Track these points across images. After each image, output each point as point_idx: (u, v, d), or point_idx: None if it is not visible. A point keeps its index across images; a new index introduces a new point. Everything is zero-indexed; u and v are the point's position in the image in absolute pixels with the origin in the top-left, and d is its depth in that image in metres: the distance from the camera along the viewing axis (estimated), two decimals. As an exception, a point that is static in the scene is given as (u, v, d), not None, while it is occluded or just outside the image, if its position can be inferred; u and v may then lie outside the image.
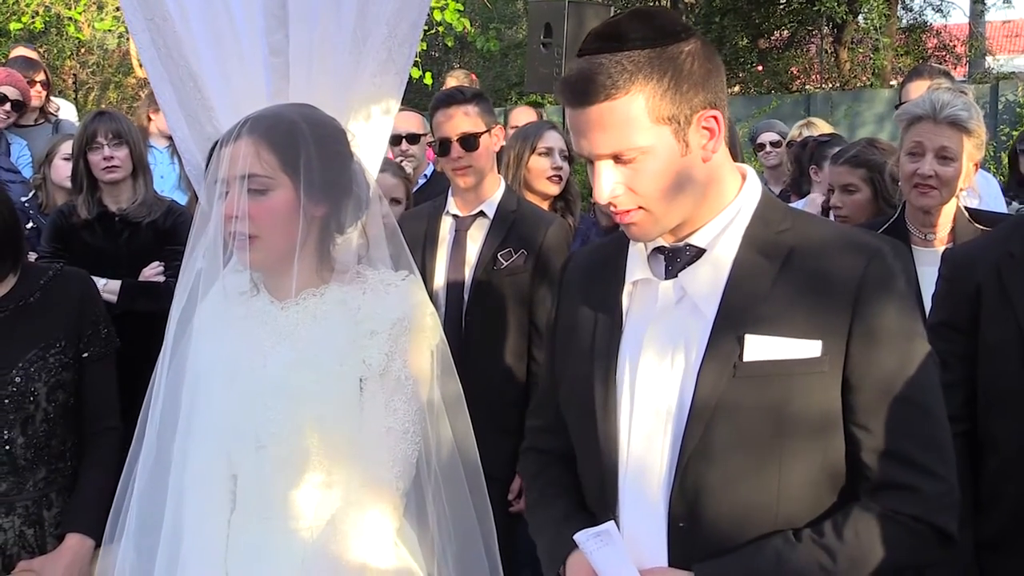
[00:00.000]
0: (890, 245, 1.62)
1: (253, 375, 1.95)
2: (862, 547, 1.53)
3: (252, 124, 1.91)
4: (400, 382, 1.94)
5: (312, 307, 1.97)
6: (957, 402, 2.24)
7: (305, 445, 1.92)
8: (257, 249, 1.91)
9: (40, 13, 13.31)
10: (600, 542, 1.61)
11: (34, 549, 2.47)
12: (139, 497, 2.02)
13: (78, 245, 3.71)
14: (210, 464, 1.99)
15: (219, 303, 2.04)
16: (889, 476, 1.55)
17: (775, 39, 19.41)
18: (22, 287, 2.51)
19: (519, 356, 3.27)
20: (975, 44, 18.51)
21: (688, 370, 1.58)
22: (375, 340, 1.93)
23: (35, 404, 2.43)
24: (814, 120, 5.66)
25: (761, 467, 1.55)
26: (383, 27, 2.23)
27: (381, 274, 2.01)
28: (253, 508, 1.97)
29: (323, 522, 1.93)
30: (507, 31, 20.19)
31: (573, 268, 1.85)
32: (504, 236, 3.28)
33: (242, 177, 1.87)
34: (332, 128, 2.00)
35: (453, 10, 11.59)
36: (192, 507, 1.99)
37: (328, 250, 2.01)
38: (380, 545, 1.92)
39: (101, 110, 3.91)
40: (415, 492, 1.97)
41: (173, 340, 2.04)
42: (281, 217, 1.90)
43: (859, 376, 1.54)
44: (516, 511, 3.24)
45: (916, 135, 2.83)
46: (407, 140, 4.91)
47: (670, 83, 1.53)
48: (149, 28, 2.27)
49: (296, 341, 1.95)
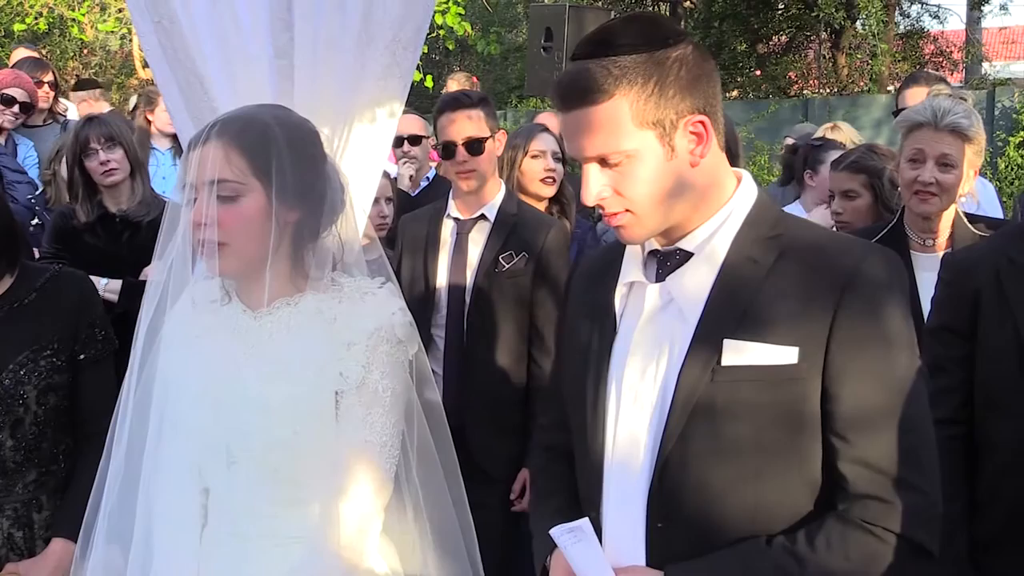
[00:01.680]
0: (881, 253, 1.61)
1: (226, 387, 1.88)
2: (832, 557, 1.52)
3: (222, 127, 1.85)
4: (377, 394, 1.87)
5: (286, 317, 1.90)
6: (954, 405, 2.26)
7: (279, 460, 1.87)
8: (227, 257, 1.84)
9: (44, 14, 13.32)
10: (573, 538, 1.62)
11: (23, 552, 2.45)
12: (109, 510, 1.98)
13: (80, 246, 3.73)
14: (180, 477, 1.93)
15: (188, 312, 1.98)
16: (866, 488, 1.54)
17: (773, 44, 19.43)
18: (19, 288, 2.48)
19: (519, 358, 3.30)
20: (972, 50, 18.54)
21: (670, 372, 1.60)
22: (352, 352, 1.87)
23: (24, 407, 2.41)
24: (840, 125, 5.56)
25: (739, 471, 1.56)
26: (387, 31, 2.24)
27: (357, 281, 1.96)
28: (226, 523, 1.93)
29: (300, 538, 1.88)
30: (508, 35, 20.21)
31: (580, 271, 1.87)
32: (505, 239, 3.30)
33: (211, 183, 1.81)
34: (305, 130, 1.94)
35: (454, 14, 11.61)
36: (162, 521, 1.94)
37: (302, 257, 1.93)
38: (360, 560, 1.87)
39: (90, 116, 3.90)
40: (395, 503, 1.93)
41: (142, 349, 1.99)
42: (252, 224, 1.84)
43: (838, 384, 1.53)
44: (518, 510, 3.26)
45: (917, 142, 2.83)
46: (409, 141, 4.94)
47: (655, 88, 1.54)
48: (156, 30, 2.28)
49: (270, 353, 1.88)
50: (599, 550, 1.62)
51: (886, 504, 1.54)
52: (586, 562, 1.61)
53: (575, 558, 1.62)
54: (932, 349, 2.28)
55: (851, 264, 1.56)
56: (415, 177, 4.98)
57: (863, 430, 1.54)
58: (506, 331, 3.28)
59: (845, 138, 5.07)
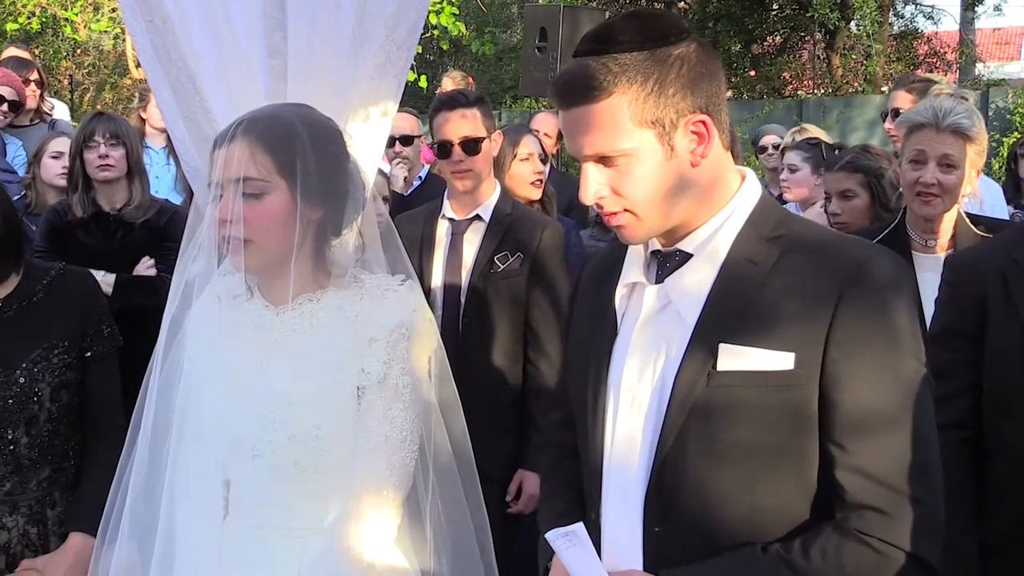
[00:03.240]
0: (886, 255, 1.57)
1: (249, 383, 1.92)
2: (828, 567, 1.49)
3: (247, 125, 1.88)
4: (398, 390, 1.91)
5: (309, 314, 1.94)
6: (962, 408, 2.23)
7: (301, 453, 1.89)
8: (252, 254, 1.88)
9: (36, 14, 13.30)
10: (568, 542, 1.61)
11: (37, 548, 2.46)
12: (133, 500, 2.00)
13: (73, 243, 3.72)
14: (203, 470, 1.95)
15: (211, 307, 2.01)
16: (864, 498, 1.50)
17: (768, 45, 19.47)
18: (25, 286, 2.50)
19: (515, 358, 3.29)
20: (966, 51, 18.58)
21: (666, 376, 1.58)
22: (373, 348, 1.90)
23: (39, 404, 2.42)
24: (806, 126, 5.68)
25: (734, 475, 1.54)
26: (381, 30, 2.23)
27: (378, 278, 1.99)
28: (248, 516, 1.95)
29: (320, 531, 1.91)
30: (502, 35, 20.19)
31: (588, 270, 1.86)
32: (500, 239, 3.30)
33: (237, 180, 1.85)
34: (329, 128, 1.97)
35: (449, 14, 11.60)
36: (185, 512, 1.96)
37: (325, 254, 1.97)
38: (378, 554, 1.89)
39: (100, 111, 3.91)
40: (411, 497, 1.96)
41: (165, 343, 2.01)
42: (277, 221, 1.87)
43: (835, 389, 1.50)
44: (514, 512, 3.25)
45: (918, 143, 2.80)
46: (401, 142, 4.93)
47: (654, 86, 1.52)
48: (148, 30, 2.27)
49: (293, 349, 1.92)
50: (594, 555, 1.60)
51: (884, 516, 1.50)
52: (581, 566, 1.60)
53: (570, 562, 1.61)
54: (937, 354, 2.22)
55: (854, 264, 1.53)
56: (408, 177, 4.98)
57: (862, 438, 1.50)
58: (501, 332, 3.27)
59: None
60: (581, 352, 1.73)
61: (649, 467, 1.58)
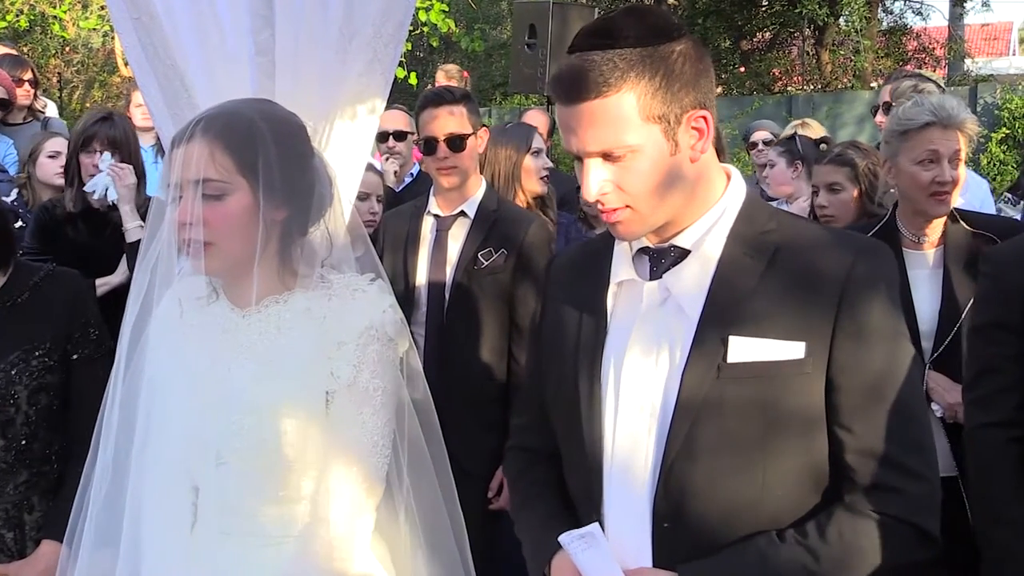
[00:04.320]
0: (876, 245, 1.62)
1: (215, 387, 1.86)
2: (846, 548, 1.54)
3: (206, 124, 1.80)
4: (368, 393, 1.85)
5: (275, 316, 1.88)
6: (1012, 405, 2.13)
7: (269, 459, 1.84)
8: (213, 256, 1.81)
9: (25, 12, 13.22)
10: (585, 544, 1.61)
11: (13, 553, 2.43)
12: (96, 509, 1.96)
13: (62, 241, 3.71)
14: (169, 476, 1.91)
15: (174, 310, 1.95)
16: (873, 477, 1.55)
17: (757, 41, 19.51)
18: (12, 286, 2.47)
19: (500, 355, 3.29)
20: (954, 47, 18.65)
21: (673, 370, 1.58)
22: (343, 351, 1.84)
23: (15, 407, 2.39)
24: (809, 121, 5.65)
25: (745, 467, 1.55)
26: (369, 27, 2.23)
27: (347, 278, 1.93)
28: (216, 523, 1.90)
29: (290, 538, 1.87)
30: (492, 31, 20.17)
31: (558, 267, 1.85)
32: (485, 236, 3.29)
33: (196, 182, 1.78)
34: (291, 124, 1.90)
35: (438, 11, 11.57)
36: (151, 520, 1.92)
37: (290, 254, 1.91)
38: (351, 560, 1.85)
39: (106, 115, 3.88)
40: (386, 503, 1.92)
41: (127, 347, 1.96)
42: (238, 223, 1.80)
43: (843, 376, 1.54)
44: (496, 508, 3.25)
45: (930, 143, 2.78)
46: (394, 137, 4.94)
47: (661, 82, 1.53)
48: (135, 27, 2.27)
49: (260, 353, 1.86)
50: (611, 555, 1.60)
51: (894, 493, 1.55)
52: (598, 568, 1.60)
53: (585, 564, 1.60)
54: (983, 348, 2.20)
55: (851, 256, 1.56)
56: (399, 173, 4.98)
57: (869, 420, 1.55)
58: (486, 328, 3.27)
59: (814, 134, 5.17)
60: (563, 350, 1.72)
61: (657, 463, 1.58)
